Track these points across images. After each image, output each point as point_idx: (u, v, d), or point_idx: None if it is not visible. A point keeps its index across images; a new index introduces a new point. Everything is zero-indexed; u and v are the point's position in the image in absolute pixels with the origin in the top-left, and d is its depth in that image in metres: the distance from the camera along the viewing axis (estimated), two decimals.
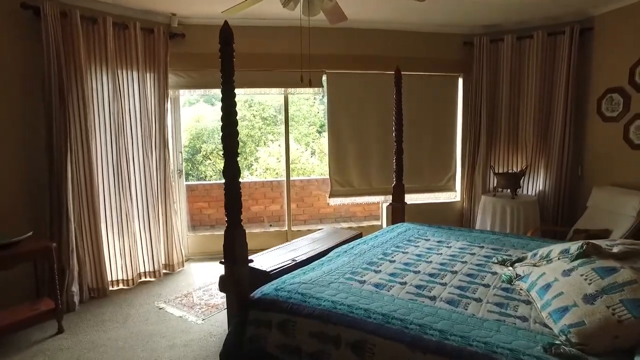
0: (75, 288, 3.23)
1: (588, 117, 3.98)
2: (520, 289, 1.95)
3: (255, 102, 7.63)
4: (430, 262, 2.38)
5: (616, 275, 1.60)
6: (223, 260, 2.07)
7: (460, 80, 4.62)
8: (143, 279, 3.81)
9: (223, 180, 2.00)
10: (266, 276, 2.42)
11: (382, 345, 1.56)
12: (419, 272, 2.22)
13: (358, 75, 4.36)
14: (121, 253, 3.60)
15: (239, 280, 2.04)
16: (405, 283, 2.06)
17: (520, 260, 2.26)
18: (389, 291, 1.96)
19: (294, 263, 2.64)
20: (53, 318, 2.82)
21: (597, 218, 3.62)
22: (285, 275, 2.23)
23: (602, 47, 3.83)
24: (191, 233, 4.57)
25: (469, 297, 1.88)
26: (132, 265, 3.65)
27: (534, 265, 2.10)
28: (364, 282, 2.08)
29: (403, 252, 2.57)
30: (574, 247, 1.96)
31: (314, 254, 2.80)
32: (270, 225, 5.36)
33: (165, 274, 3.96)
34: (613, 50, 3.72)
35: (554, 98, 4.09)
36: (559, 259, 1.97)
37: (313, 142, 7.74)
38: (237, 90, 2.18)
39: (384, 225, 4.71)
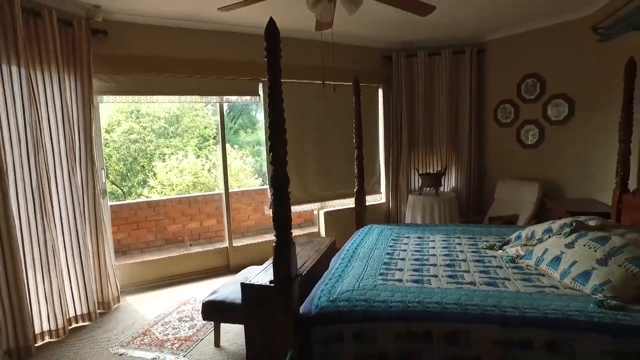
0: None
1: (487, 124, 4.86)
2: (527, 265, 2.33)
3: (143, 112, 6.89)
4: (435, 255, 2.62)
5: (611, 241, 2.08)
6: (272, 280, 1.92)
7: (380, 91, 5.10)
8: (75, 324, 3.13)
9: (135, 200, 1.86)
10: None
11: (472, 330, 1.70)
12: (435, 264, 2.43)
13: (293, 85, 4.42)
14: (47, 297, 2.89)
15: (290, 300, 1.92)
16: (436, 275, 2.24)
17: (506, 243, 2.68)
18: (430, 284, 2.11)
19: (302, 275, 2.56)
20: None
21: (505, 206, 4.45)
22: (320, 288, 2.17)
23: (494, 66, 4.75)
24: (116, 262, 3.93)
25: (498, 278, 2.16)
26: (61, 310, 2.96)
27: (525, 245, 2.53)
28: (401, 280, 2.19)
29: (402, 250, 2.75)
30: (555, 225, 2.45)
31: (312, 264, 2.75)
32: (190, 245, 4.94)
33: (100, 314, 3.32)
34: (503, 69, 4.65)
35: (460, 107, 4.87)
36: (549, 237, 2.42)
37: (210, 154, 7.38)
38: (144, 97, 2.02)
39: (322, 231, 4.85)
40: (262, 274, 2.52)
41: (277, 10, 3.13)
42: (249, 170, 7.37)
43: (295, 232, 5.06)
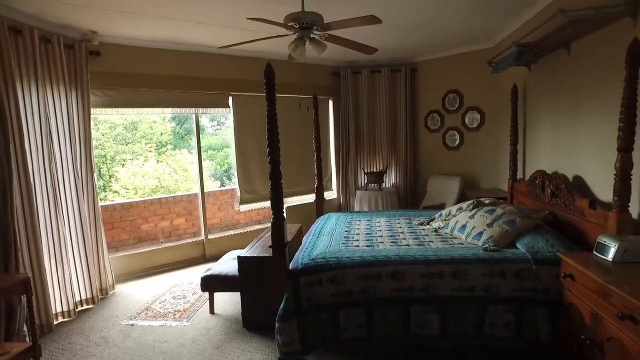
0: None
1: (420, 130, 6.03)
2: (445, 233, 3.40)
3: (101, 119, 7.31)
4: (381, 230, 3.62)
5: (496, 212, 3.20)
6: (271, 245, 2.79)
7: (331, 102, 6.10)
8: (80, 307, 3.74)
9: (111, 202, 2.69)
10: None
11: (407, 269, 2.69)
12: (382, 236, 3.42)
13: (259, 97, 5.26)
14: (59, 282, 3.51)
15: (284, 259, 2.79)
16: (382, 242, 3.23)
17: (432, 220, 3.76)
18: (379, 247, 3.09)
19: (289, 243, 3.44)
20: None
21: (435, 197, 5.62)
22: (301, 254, 3.06)
23: (424, 82, 5.93)
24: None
25: (425, 241, 3.19)
26: (72, 293, 3.58)
27: (444, 220, 3.61)
28: (358, 245, 3.15)
29: (357, 228, 3.72)
30: (464, 205, 3.56)
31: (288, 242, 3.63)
32: (162, 242, 5.58)
33: (101, 299, 3.94)
34: (431, 85, 5.84)
35: (397, 116, 5.99)
36: (459, 213, 3.52)
37: (168, 159, 7.94)
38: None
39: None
40: (248, 252, 3.37)
41: (248, 35, 4.00)
42: (206, 173, 8.03)
43: (256, 227, 5.94)
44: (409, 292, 2.67)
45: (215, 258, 5.05)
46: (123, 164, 7.18)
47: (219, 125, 10.31)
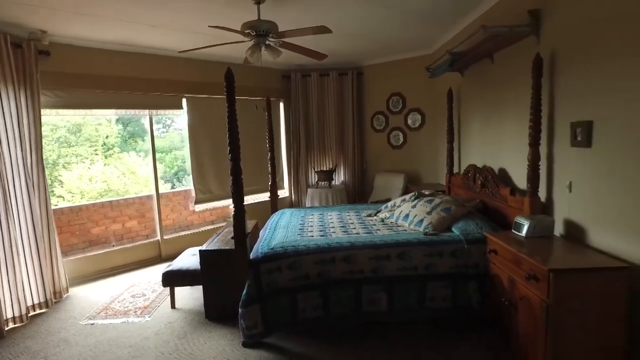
0: None
1: (366, 130, 6.47)
2: (391, 222, 3.81)
3: (42, 122, 7.09)
4: (332, 222, 3.96)
5: (434, 201, 3.65)
6: (233, 236, 3.02)
7: (282, 104, 6.38)
8: (33, 312, 3.73)
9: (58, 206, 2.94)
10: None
11: (357, 253, 3.04)
12: (334, 227, 3.76)
13: (213, 100, 5.44)
14: (10, 286, 3.50)
15: (246, 249, 3.04)
16: (335, 232, 3.56)
17: (379, 211, 4.16)
18: (332, 236, 3.42)
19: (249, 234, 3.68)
20: None
21: (381, 192, 6.07)
22: (260, 245, 3.33)
23: (369, 85, 6.38)
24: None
25: (373, 230, 3.57)
26: (24, 298, 3.59)
27: (390, 211, 4.02)
28: (313, 235, 3.46)
29: (310, 221, 4.03)
30: (408, 196, 3.99)
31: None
32: (113, 245, 5.58)
33: (55, 302, 3.95)
34: (376, 88, 6.30)
35: (345, 117, 6.39)
36: (403, 204, 3.94)
37: (116, 162, 7.83)
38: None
39: None
40: (209, 247, 3.57)
41: (204, 39, 4.20)
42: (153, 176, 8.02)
43: (209, 227, 6.08)
44: (359, 273, 3.02)
45: (172, 258, 5.17)
46: (68, 168, 7.02)
47: (165, 128, 10.23)
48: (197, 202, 5.43)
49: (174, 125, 9.59)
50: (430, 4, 3.73)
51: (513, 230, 2.82)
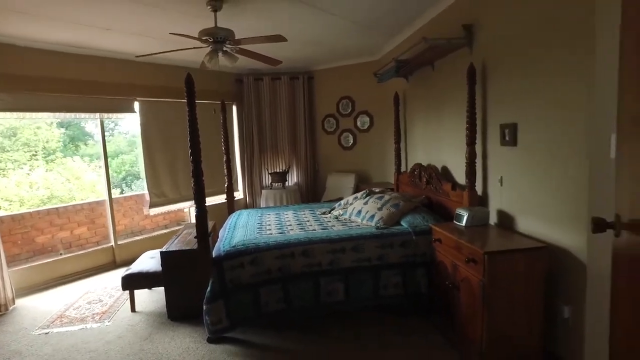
0: None
1: (318, 132, 6.73)
2: (345, 219, 4.07)
3: None
4: (289, 220, 4.16)
5: (384, 198, 3.95)
6: (196, 235, 3.14)
7: (234, 107, 6.49)
8: None
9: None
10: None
11: (315, 248, 3.26)
12: (291, 224, 3.96)
13: (167, 103, 5.46)
14: None
15: (209, 247, 3.17)
16: (292, 229, 3.77)
17: (332, 209, 4.42)
18: (290, 233, 3.62)
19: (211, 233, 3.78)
20: None
21: (333, 192, 6.35)
22: (221, 243, 3.46)
23: (320, 89, 6.65)
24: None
25: (328, 226, 3.81)
26: None
27: (343, 208, 4.29)
28: (272, 233, 3.65)
29: (267, 220, 4.20)
30: (360, 194, 4.28)
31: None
32: (61, 254, 5.43)
33: (0, 315, 3.82)
34: (326, 92, 6.58)
35: (297, 119, 6.61)
36: (355, 201, 4.22)
37: (59, 167, 7.52)
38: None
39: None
40: (170, 248, 3.65)
41: (158, 44, 4.25)
42: (103, 181, 7.76)
43: (163, 231, 6.06)
44: (318, 266, 3.25)
45: (127, 263, 5.12)
46: (4, 174, 6.66)
47: (109, 132, 9.92)
48: (151, 206, 5.41)
49: (118, 128, 9.33)
50: (376, 15, 4.04)
51: (454, 221, 3.17)
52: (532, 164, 2.69)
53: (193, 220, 5.96)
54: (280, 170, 6.54)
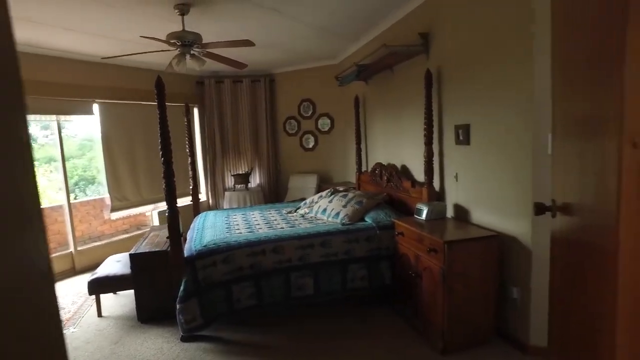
0: None
1: (280, 134, 6.87)
2: (311, 217, 4.24)
3: None
4: (257, 219, 4.28)
5: (349, 196, 4.17)
6: (168, 236, 3.20)
7: (196, 110, 6.50)
8: None
9: None
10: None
11: (285, 244, 3.41)
12: (259, 223, 4.09)
13: (128, 105, 5.40)
14: None
15: (181, 246, 3.24)
16: (261, 228, 3.90)
17: (298, 208, 4.58)
18: (259, 231, 3.75)
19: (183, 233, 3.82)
20: None
21: (296, 193, 6.51)
22: (192, 243, 3.53)
23: (281, 92, 6.79)
24: None
25: (296, 224, 3.97)
26: None
27: (309, 207, 4.46)
28: (241, 232, 3.76)
29: (235, 221, 4.30)
30: (324, 192, 4.47)
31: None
32: None
33: None
34: (288, 94, 6.74)
35: (259, 122, 6.72)
36: (320, 200, 4.41)
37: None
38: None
39: None
40: (139, 250, 3.67)
41: (121, 45, 4.24)
42: (55, 186, 7.48)
43: (124, 236, 5.98)
44: (288, 262, 3.40)
45: (87, 269, 5.03)
46: None
47: (54, 135, 9.55)
48: (113, 210, 5.33)
49: (65, 132, 8.99)
50: (338, 21, 4.26)
51: (415, 216, 3.43)
52: (483, 161, 2.99)
53: (156, 223, 5.92)
54: (243, 172, 6.62)
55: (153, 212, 5.92)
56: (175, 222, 3.19)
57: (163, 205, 6.03)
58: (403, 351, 2.88)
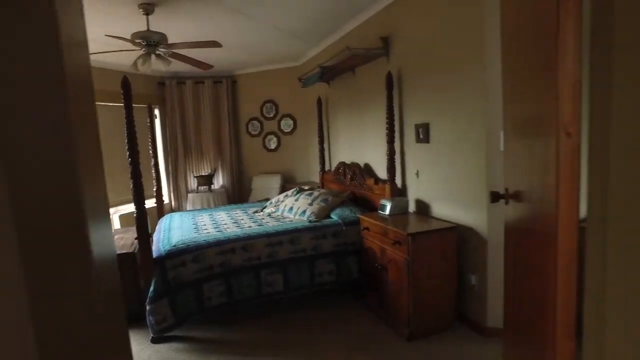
0: None
1: (242, 135, 6.90)
2: (278, 215, 4.34)
3: None
4: (224, 219, 4.32)
5: (314, 194, 4.30)
6: (136, 237, 3.19)
7: (157, 111, 6.42)
8: None
9: None
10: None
11: (254, 242, 3.49)
12: (226, 223, 4.13)
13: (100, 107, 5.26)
14: None
15: (150, 247, 3.24)
16: (229, 227, 3.95)
17: (264, 207, 4.66)
18: (227, 231, 3.81)
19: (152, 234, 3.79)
20: None
21: (260, 193, 6.57)
22: (160, 244, 3.53)
23: (244, 93, 6.83)
24: None
25: (263, 223, 4.05)
26: None
27: (276, 206, 4.55)
28: (209, 232, 3.79)
29: (202, 221, 4.32)
30: (290, 191, 4.58)
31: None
32: None
33: None
34: (250, 95, 6.78)
35: (221, 123, 6.73)
36: (286, 199, 4.51)
37: None
38: None
39: None
40: None
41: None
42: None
43: None
44: (257, 260, 3.48)
45: None
46: None
47: None
48: None
49: None
50: (302, 24, 4.39)
51: (379, 211, 3.61)
52: (442, 158, 3.21)
53: (117, 227, 5.79)
54: (206, 174, 6.60)
55: (114, 216, 5.79)
56: (144, 222, 3.20)
57: (124, 209, 5.92)
58: (372, 340, 3.04)
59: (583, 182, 0.98)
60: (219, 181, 6.83)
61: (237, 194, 6.86)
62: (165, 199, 6.58)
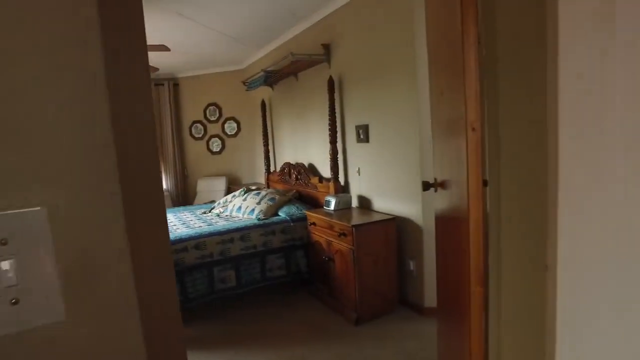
0: None
1: (186, 138, 6.91)
2: (226, 215, 4.48)
3: None
4: (172, 221, 4.37)
5: (262, 193, 4.48)
6: None
7: None
8: None
9: None
10: None
11: (206, 240, 3.62)
12: (175, 224, 4.20)
13: None
14: None
15: None
16: (179, 228, 4.02)
17: (212, 208, 4.77)
18: (177, 231, 3.89)
19: None
20: None
21: (204, 196, 6.63)
22: None
23: (186, 96, 6.84)
24: None
25: (213, 222, 4.17)
26: None
27: (224, 206, 4.68)
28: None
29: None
30: (237, 192, 4.73)
31: None
32: None
33: None
34: (193, 99, 6.81)
35: (164, 126, 6.70)
36: (234, 199, 4.66)
37: None
38: None
39: None
40: None
41: None
42: None
43: None
44: (210, 257, 3.62)
45: None
46: None
47: None
48: None
49: None
50: (246, 29, 4.56)
51: (324, 207, 3.88)
52: (381, 156, 3.54)
53: None
54: None
55: None
56: None
57: None
58: (322, 326, 3.29)
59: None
60: (162, 185, 6.78)
61: (182, 197, 6.86)
62: None
